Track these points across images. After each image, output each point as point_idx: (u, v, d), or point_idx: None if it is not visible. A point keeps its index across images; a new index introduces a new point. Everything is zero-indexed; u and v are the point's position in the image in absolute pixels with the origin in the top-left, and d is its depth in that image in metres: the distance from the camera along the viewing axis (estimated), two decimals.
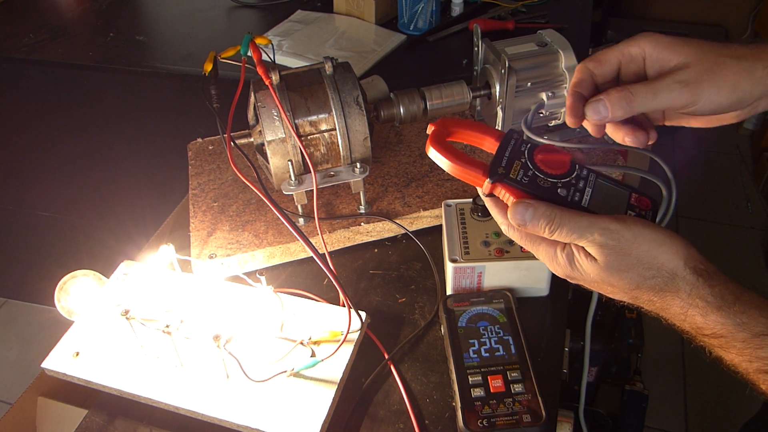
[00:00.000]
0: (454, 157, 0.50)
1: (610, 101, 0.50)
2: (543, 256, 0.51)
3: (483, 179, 0.49)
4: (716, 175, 2.45)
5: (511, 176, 0.49)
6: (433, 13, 1.31)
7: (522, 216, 0.48)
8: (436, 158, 0.51)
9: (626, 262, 0.47)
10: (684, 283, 0.46)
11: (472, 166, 0.50)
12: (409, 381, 0.64)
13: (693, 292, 0.46)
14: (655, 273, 0.46)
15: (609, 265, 0.47)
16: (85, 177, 1.46)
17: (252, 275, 0.69)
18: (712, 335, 0.46)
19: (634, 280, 0.47)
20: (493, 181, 0.49)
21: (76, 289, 0.70)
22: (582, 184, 0.50)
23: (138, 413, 0.63)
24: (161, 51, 1.33)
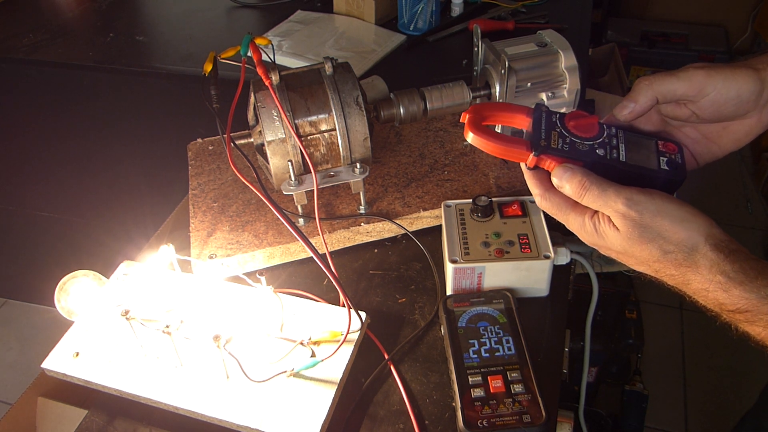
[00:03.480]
0: (496, 139, 0.52)
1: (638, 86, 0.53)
2: (572, 224, 0.53)
3: (527, 154, 0.52)
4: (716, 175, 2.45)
5: (553, 146, 0.52)
6: (433, 13, 1.31)
7: (561, 176, 0.51)
8: (478, 143, 0.53)
9: (647, 234, 0.48)
10: (704, 259, 0.47)
11: (515, 144, 0.52)
12: (409, 381, 0.64)
13: (714, 268, 0.46)
14: (675, 248, 0.47)
15: (630, 236, 0.48)
16: (85, 177, 1.46)
17: (252, 275, 0.69)
18: (736, 310, 0.46)
19: (654, 254, 0.48)
20: (538, 153, 0.51)
21: (76, 289, 0.70)
22: (615, 141, 0.53)
23: (138, 413, 0.63)
24: (161, 51, 1.33)
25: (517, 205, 0.74)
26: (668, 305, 2.01)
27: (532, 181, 0.54)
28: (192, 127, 1.03)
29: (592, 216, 0.51)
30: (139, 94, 1.30)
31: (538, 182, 0.54)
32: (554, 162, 0.52)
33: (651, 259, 0.49)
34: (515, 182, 0.82)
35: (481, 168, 0.85)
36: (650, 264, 0.50)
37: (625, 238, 0.49)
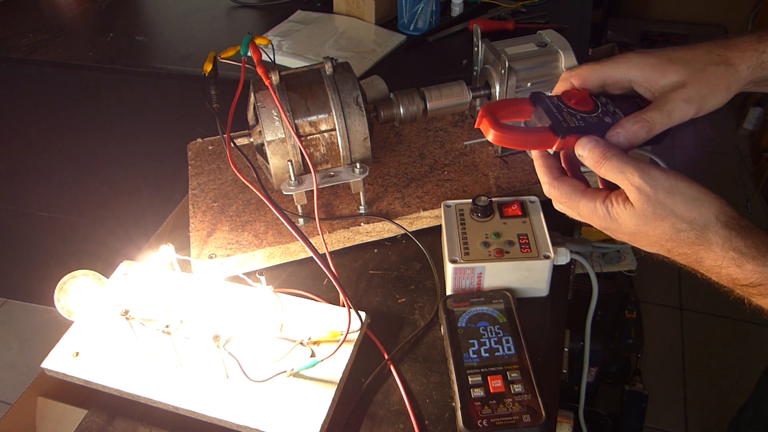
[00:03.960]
0: (521, 133, 0.54)
1: (629, 133, 0.53)
2: (583, 210, 0.53)
3: (555, 138, 0.53)
4: (716, 175, 2.45)
5: (572, 125, 0.53)
6: (433, 13, 1.31)
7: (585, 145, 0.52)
8: (504, 140, 0.54)
9: (660, 211, 0.48)
10: (716, 237, 0.47)
11: (538, 133, 0.54)
12: (408, 381, 0.64)
13: (726, 245, 0.47)
14: (687, 226, 0.48)
15: (644, 213, 0.49)
16: (85, 177, 1.46)
17: (252, 275, 0.69)
18: (749, 285, 0.47)
19: (666, 232, 0.49)
20: (564, 135, 0.53)
21: (75, 289, 0.70)
22: (611, 107, 0.55)
23: (138, 413, 0.63)
24: (161, 51, 1.33)
25: (517, 205, 0.74)
26: (668, 305, 2.01)
27: (542, 170, 0.55)
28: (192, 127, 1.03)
29: (604, 200, 0.51)
30: (139, 94, 1.30)
31: (548, 170, 0.55)
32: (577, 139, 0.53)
33: (663, 237, 0.49)
34: (515, 182, 0.82)
35: (481, 168, 0.85)
36: (663, 243, 0.50)
37: (639, 215, 0.49)
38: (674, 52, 0.55)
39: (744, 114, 2.64)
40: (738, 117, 2.70)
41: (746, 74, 0.54)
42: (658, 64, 0.55)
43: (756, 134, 2.57)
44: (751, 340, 1.89)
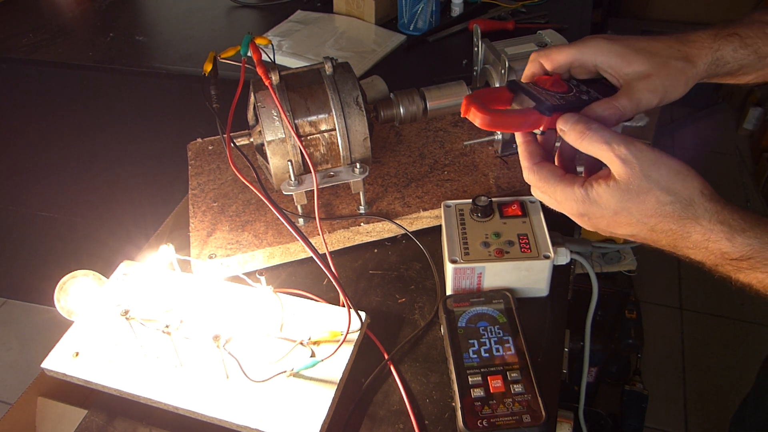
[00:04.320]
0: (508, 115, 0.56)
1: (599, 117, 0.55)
2: (560, 195, 0.53)
3: (542, 117, 0.54)
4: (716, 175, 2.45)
5: (555, 104, 0.55)
6: (433, 13, 1.31)
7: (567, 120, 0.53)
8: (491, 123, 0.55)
9: (645, 184, 0.48)
10: (703, 210, 0.48)
11: (525, 114, 0.55)
12: (408, 381, 0.64)
13: (713, 217, 0.47)
14: (673, 198, 0.48)
15: (629, 186, 0.49)
16: (85, 177, 1.46)
17: (252, 275, 0.69)
18: (740, 258, 0.47)
19: (651, 206, 0.49)
20: (550, 113, 0.54)
21: (75, 289, 0.70)
22: (584, 87, 0.58)
23: (138, 413, 0.63)
24: (161, 51, 1.33)
25: (517, 205, 0.74)
26: (668, 305, 2.01)
27: (524, 154, 0.56)
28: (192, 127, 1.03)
29: (582, 183, 0.52)
30: (139, 94, 1.30)
31: (529, 155, 0.56)
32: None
33: (648, 213, 0.49)
34: (515, 182, 0.82)
35: (481, 168, 0.85)
36: (646, 220, 0.50)
37: (623, 190, 0.49)
38: (638, 42, 0.58)
39: (744, 114, 2.64)
40: (738, 117, 2.70)
41: (702, 70, 0.57)
42: (624, 53, 0.57)
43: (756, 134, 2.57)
44: (751, 340, 1.89)
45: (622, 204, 0.50)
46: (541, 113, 0.54)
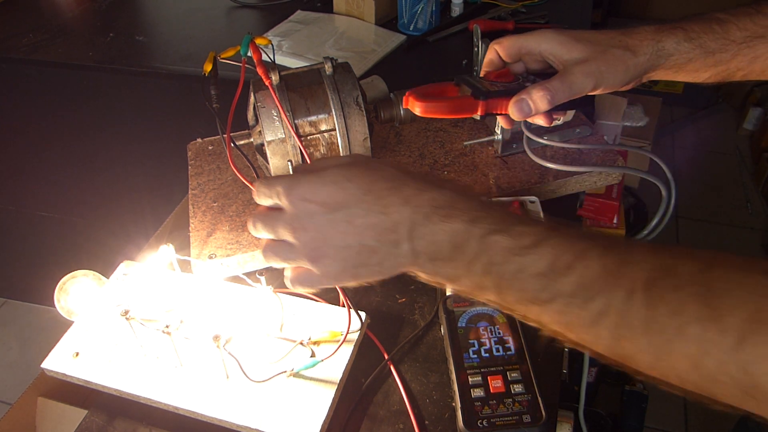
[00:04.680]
0: (445, 101, 0.59)
1: (533, 99, 0.59)
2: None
3: (477, 102, 0.58)
4: (716, 175, 2.45)
5: (492, 90, 0.58)
6: (433, 13, 1.31)
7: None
8: (430, 110, 0.59)
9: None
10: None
11: (461, 100, 0.59)
12: (409, 381, 0.64)
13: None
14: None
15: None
16: (85, 177, 1.46)
17: (252, 275, 0.69)
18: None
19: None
20: (484, 98, 0.58)
21: (75, 289, 0.70)
22: (532, 78, 0.62)
23: (138, 413, 0.63)
24: (161, 51, 1.33)
25: (517, 205, 0.74)
26: None
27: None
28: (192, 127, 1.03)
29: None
30: (139, 94, 1.30)
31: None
32: (502, 103, 0.58)
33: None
34: (515, 182, 0.82)
35: (481, 168, 0.85)
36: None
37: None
38: (582, 32, 0.61)
39: (744, 114, 2.64)
40: (738, 117, 2.70)
41: (644, 60, 0.60)
42: (566, 41, 0.60)
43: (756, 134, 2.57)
44: None
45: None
46: (476, 98, 0.57)
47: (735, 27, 0.60)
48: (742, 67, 0.61)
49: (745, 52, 0.60)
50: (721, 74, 0.62)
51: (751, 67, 0.61)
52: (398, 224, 0.45)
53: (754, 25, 0.59)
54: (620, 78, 0.60)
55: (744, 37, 0.60)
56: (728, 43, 0.60)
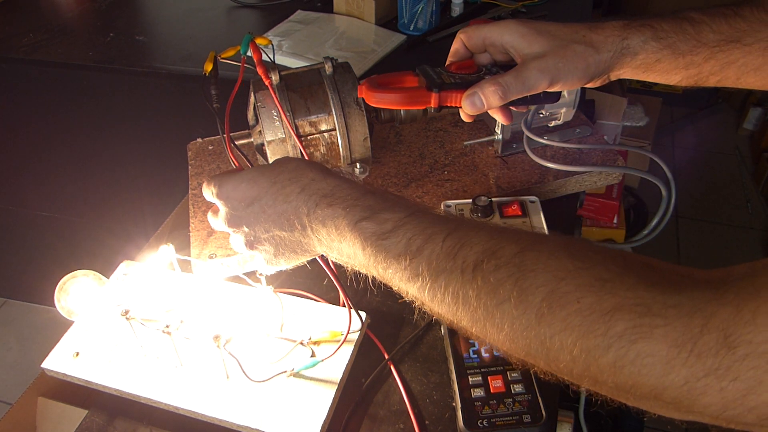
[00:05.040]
0: (398, 91, 0.58)
1: (485, 93, 0.57)
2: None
3: (430, 94, 0.57)
4: (716, 175, 2.45)
5: (447, 82, 0.57)
6: (433, 13, 1.31)
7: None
8: (382, 100, 0.58)
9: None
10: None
11: (414, 91, 0.58)
12: (409, 381, 0.64)
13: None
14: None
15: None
16: (85, 177, 1.46)
17: (252, 275, 0.69)
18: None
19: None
20: (437, 90, 0.57)
21: (76, 289, 0.70)
22: (495, 69, 0.61)
23: (138, 413, 0.63)
24: (161, 51, 1.33)
25: (517, 205, 0.74)
26: None
27: None
28: (192, 127, 1.03)
29: None
30: (139, 94, 1.29)
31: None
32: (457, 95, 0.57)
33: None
34: (515, 182, 0.82)
35: (481, 168, 0.85)
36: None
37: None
38: (546, 25, 0.59)
39: (744, 114, 2.64)
40: (738, 117, 2.70)
41: (607, 57, 0.57)
42: (528, 33, 0.59)
43: (756, 134, 2.57)
44: None
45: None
46: (429, 90, 0.56)
47: (708, 29, 0.56)
48: (715, 72, 0.58)
49: (719, 56, 0.56)
50: (693, 78, 0.59)
51: (724, 72, 0.57)
52: (298, 210, 0.50)
53: (730, 28, 0.56)
54: (579, 75, 0.58)
55: (717, 41, 0.56)
56: (700, 45, 0.56)
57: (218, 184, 0.55)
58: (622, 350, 0.34)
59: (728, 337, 0.31)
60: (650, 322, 0.33)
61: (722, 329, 0.32)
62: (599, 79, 0.60)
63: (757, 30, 0.55)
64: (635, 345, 0.34)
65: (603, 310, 0.35)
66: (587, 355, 0.35)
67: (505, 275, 0.39)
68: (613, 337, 0.34)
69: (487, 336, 0.41)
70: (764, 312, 0.31)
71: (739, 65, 0.56)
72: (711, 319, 0.32)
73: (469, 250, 0.42)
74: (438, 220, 0.45)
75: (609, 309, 0.35)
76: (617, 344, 0.34)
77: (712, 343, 0.32)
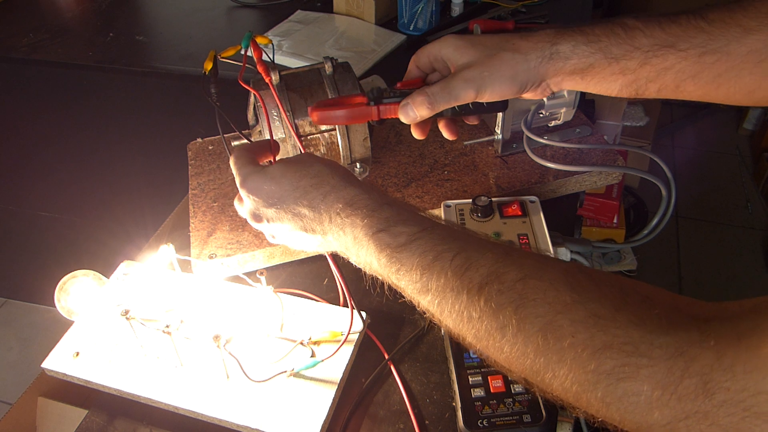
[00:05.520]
0: (340, 107, 0.61)
1: (415, 104, 0.58)
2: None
3: (370, 109, 0.60)
4: (716, 175, 2.45)
5: (386, 96, 0.61)
6: (433, 13, 1.31)
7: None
8: (326, 118, 0.62)
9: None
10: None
11: (356, 107, 0.61)
12: (409, 381, 0.64)
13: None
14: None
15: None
16: (85, 177, 1.46)
17: (252, 275, 0.69)
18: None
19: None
20: (375, 104, 0.60)
21: (76, 289, 0.70)
22: None
23: (138, 413, 0.63)
24: (161, 51, 1.33)
25: (517, 205, 0.74)
26: None
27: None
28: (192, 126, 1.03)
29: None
30: (139, 94, 1.29)
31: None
32: (393, 107, 0.60)
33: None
34: (515, 182, 0.82)
35: (481, 168, 0.85)
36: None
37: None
38: (480, 37, 0.60)
39: (744, 114, 2.64)
40: (738, 117, 2.70)
41: (536, 64, 0.57)
42: (462, 45, 0.59)
43: (756, 134, 2.57)
44: None
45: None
46: (368, 104, 0.60)
47: (641, 33, 0.55)
48: (652, 78, 0.56)
49: (653, 61, 0.55)
50: (631, 86, 0.58)
51: (662, 79, 0.56)
52: (320, 217, 0.52)
53: (663, 33, 0.55)
54: (508, 83, 0.58)
55: (651, 45, 0.55)
56: (633, 49, 0.55)
57: (243, 179, 0.56)
58: (610, 387, 0.36)
59: (707, 383, 0.32)
60: (637, 362, 0.35)
61: (702, 374, 0.33)
62: (535, 88, 0.60)
63: (692, 36, 0.54)
64: (622, 383, 0.35)
65: (594, 346, 0.36)
66: (578, 387, 0.37)
67: (506, 300, 0.41)
68: (602, 374, 0.36)
69: (489, 354, 0.43)
70: (743, 360, 0.32)
71: (675, 71, 0.55)
72: (692, 363, 0.33)
73: (475, 271, 0.43)
74: (448, 237, 0.47)
75: (600, 346, 0.36)
76: (605, 381, 0.36)
77: (692, 388, 0.33)
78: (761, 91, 0.55)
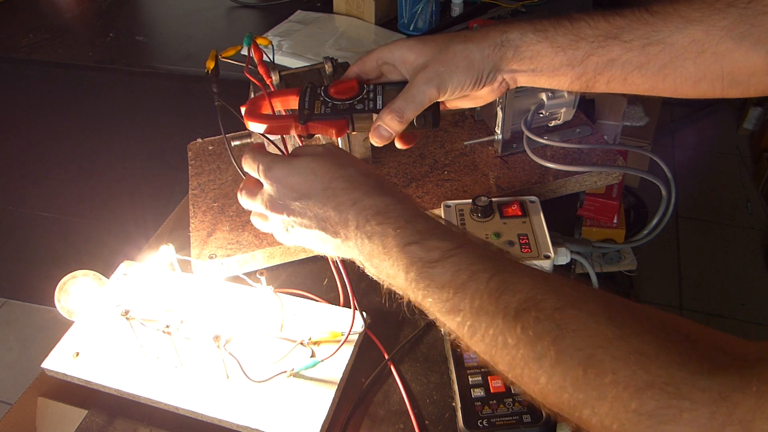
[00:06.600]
0: (268, 119, 0.58)
1: (386, 123, 0.57)
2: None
3: (296, 125, 0.57)
4: (716, 175, 2.45)
5: (316, 113, 0.58)
6: (433, 13, 1.31)
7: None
8: (255, 127, 0.58)
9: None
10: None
11: (284, 120, 0.58)
12: (409, 381, 0.64)
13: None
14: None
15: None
16: (85, 177, 1.46)
17: (252, 275, 0.69)
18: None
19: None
20: (304, 122, 0.57)
21: (76, 289, 0.70)
22: (373, 95, 0.59)
23: (138, 413, 0.63)
24: (161, 51, 1.34)
25: (517, 205, 0.74)
26: (668, 305, 2.01)
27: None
28: (192, 127, 1.03)
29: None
30: (139, 94, 1.30)
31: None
32: (325, 126, 0.57)
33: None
34: (515, 182, 0.82)
35: (481, 168, 0.85)
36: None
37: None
38: (432, 36, 0.59)
39: (744, 114, 2.64)
40: (738, 117, 2.70)
41: (489, 52, 0.57)
42: (414, 45, 0.59)
43: (756, 134, 2.57)
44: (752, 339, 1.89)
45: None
46: (296, 120, 0.57)
47: (586, 25, 0.56)
48: (600, 71, 0.57)
49: (599, 52, 0.56)
50: (581, 79, 0.58)
51: (609, 71, 0.57)
52: (346, 222, 0.50)
53: (608, 24, 0.56)
54: (464, 74, 0.57)
55: (595, 35, 0.56)
56: (578, 40, 0.56)
57: (268, 166, 0.54)
58: (651, 429, 0.35)
59: (749, 431, 0.32)
60: (679, 405, 0.34)
61: (744, 422, 0.32)
62: (492, 81, 0.59)
63: (636, 27, 0.55)
64: (664, 426, 0.34)
65: (636, 385, 0.35)
66: (618, 427, 0.36)
67: (544, 330, 0.39)
68: (644, 415, 0.35)
69: (522, 384, 0.41)
70: None
71: (621, 63, 0.56)
72: (735, 409, 0.32)
73: (511, 296, 0.42)
74: (484, 257, 0.45)
75: (642, 385, 0.35)
76: (647, 422, 0.35)
77: None
78: (706, 81, 0.55)
